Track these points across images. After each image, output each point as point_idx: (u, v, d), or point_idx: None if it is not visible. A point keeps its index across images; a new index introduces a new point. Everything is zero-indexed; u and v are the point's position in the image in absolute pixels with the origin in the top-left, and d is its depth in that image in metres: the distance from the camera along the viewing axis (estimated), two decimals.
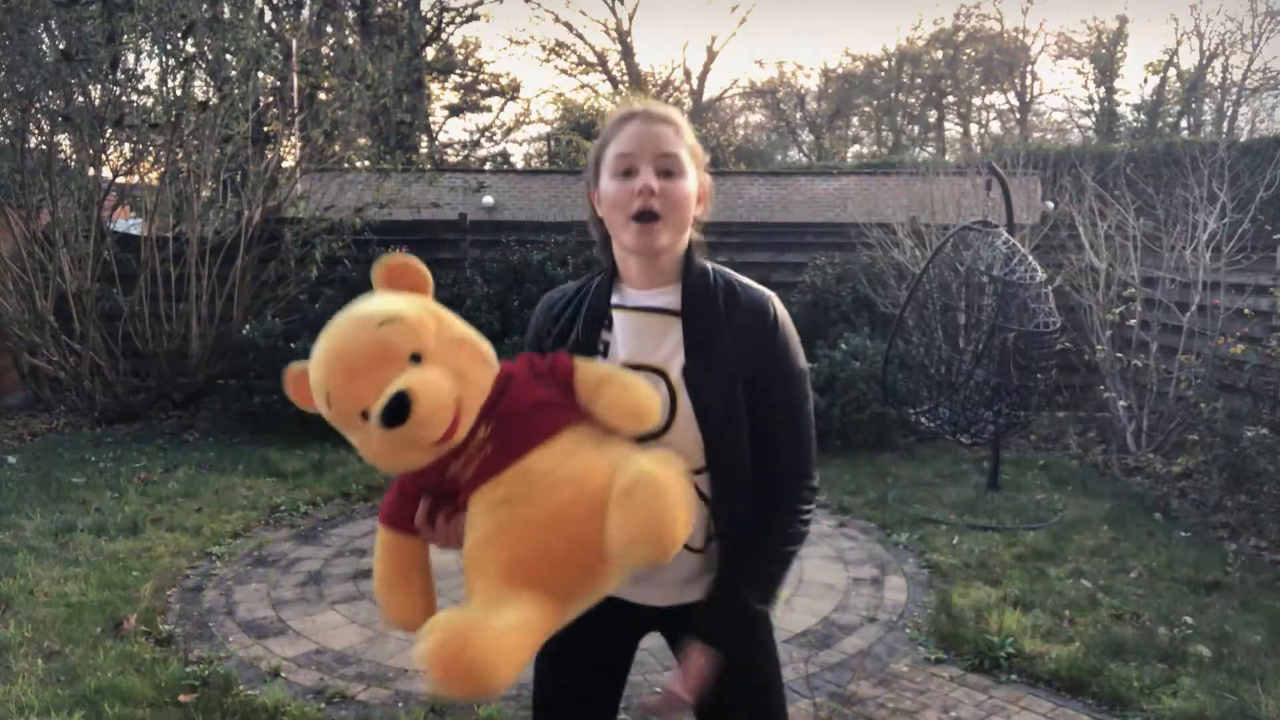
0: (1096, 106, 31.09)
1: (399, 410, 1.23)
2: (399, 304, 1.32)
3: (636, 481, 1.23)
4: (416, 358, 1.28)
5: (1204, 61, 28.98)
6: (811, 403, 1.53)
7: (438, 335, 1.31)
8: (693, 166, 1.49)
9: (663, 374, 1.45)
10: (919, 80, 33.87)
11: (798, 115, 34.95)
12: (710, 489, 1.44)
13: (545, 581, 1.31)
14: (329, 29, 12.91)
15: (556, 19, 42.09)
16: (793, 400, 1.49)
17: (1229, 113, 29.27)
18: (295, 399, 1.39)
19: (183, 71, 7.55)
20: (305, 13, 11.34)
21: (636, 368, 1.45)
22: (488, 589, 1.34)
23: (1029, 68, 32.65)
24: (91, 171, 7.62)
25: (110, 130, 7.45)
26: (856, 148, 35.60)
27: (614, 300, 1.52)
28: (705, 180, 1.54)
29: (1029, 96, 33.31)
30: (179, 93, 7.56)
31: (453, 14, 21.62)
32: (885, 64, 33.98)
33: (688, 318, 1.46)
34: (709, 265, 1.53)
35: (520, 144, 37.20)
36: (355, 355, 1.27)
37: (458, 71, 25.04)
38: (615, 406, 1.37)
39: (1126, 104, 31.47)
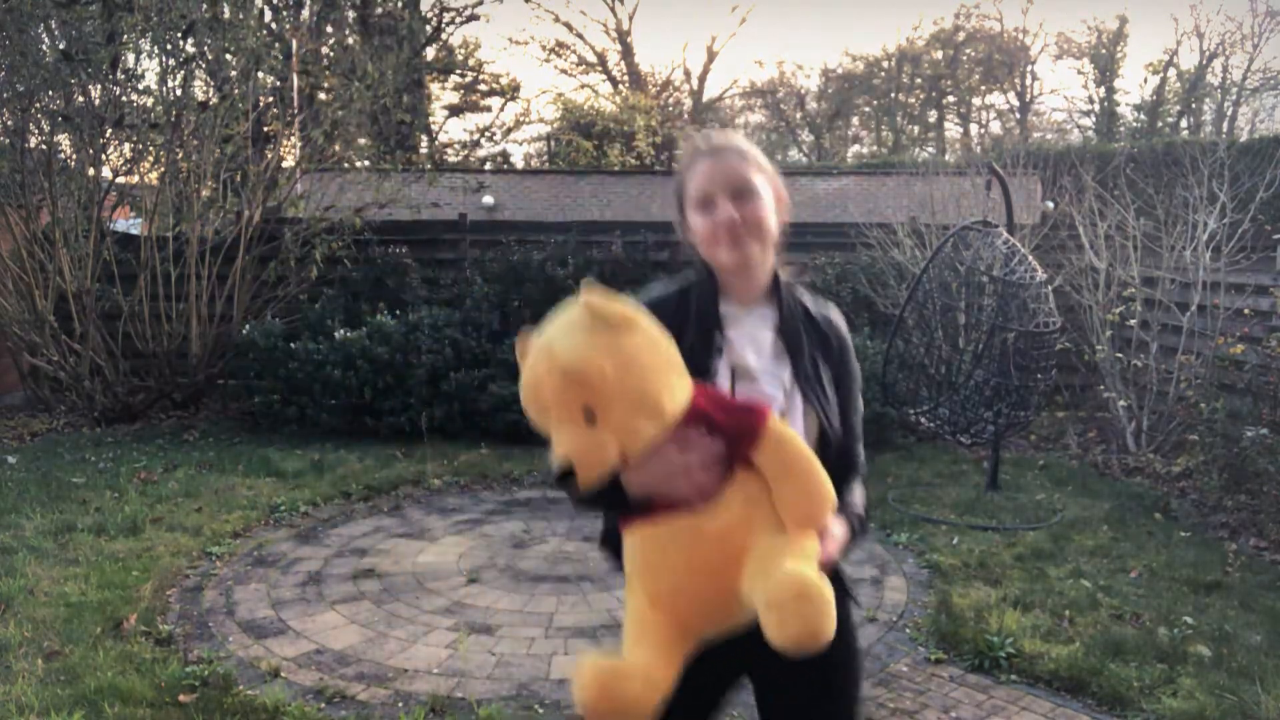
0: (1096, 106, 31.09)
1: (563, 474, 1.43)
2: (586, 351, 1.41)
3: (799, 590, 1.35)
4: (589, 410, 1.41)
5: (1204, 61, 28.99)
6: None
7: (616, 390, 1.41)
8: (767, 185, 1.65)
9: (758, 374, 1.62)
10: (919, 80, 33.86)
11: (798, 115, 34.95)
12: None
13: (680, 617, 1.50)
14: (329, 29, 12.91)
15: (556, 19, 41.96)
16: (857, 400, 1.77)
17: (1229, 113, 29.26)
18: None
19: (183, 71, 7.55)
20: (305, 13, 11.34)
21: (745, 372, 1.61)
22: (635, 600, 1.54)
23: (1029, 68, 32.65)
24: (91, 171, 7.62)
25: (110, 130, 7.45)
26: (856, 148, 35.61)
27: (723, 309, 1.66)
28: (780, 190, 1.69)
29: (1029, 96, 33.31)
30: (179, 93, 7.56)
31: (453, 14, 21.60)
32: (885, 64, 33.97)
33: (786, 329, 1.65)
34: (791, 285, 1.72)
35: (520, 144, 37.25)
36: (542, 396, 1.45)
37: (458, 71, 25.02)
38: (799, 497, 1.48)
39: (1126, 104, 31.49)
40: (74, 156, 7.77)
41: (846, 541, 1.60)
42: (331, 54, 10.57)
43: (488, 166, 22.18)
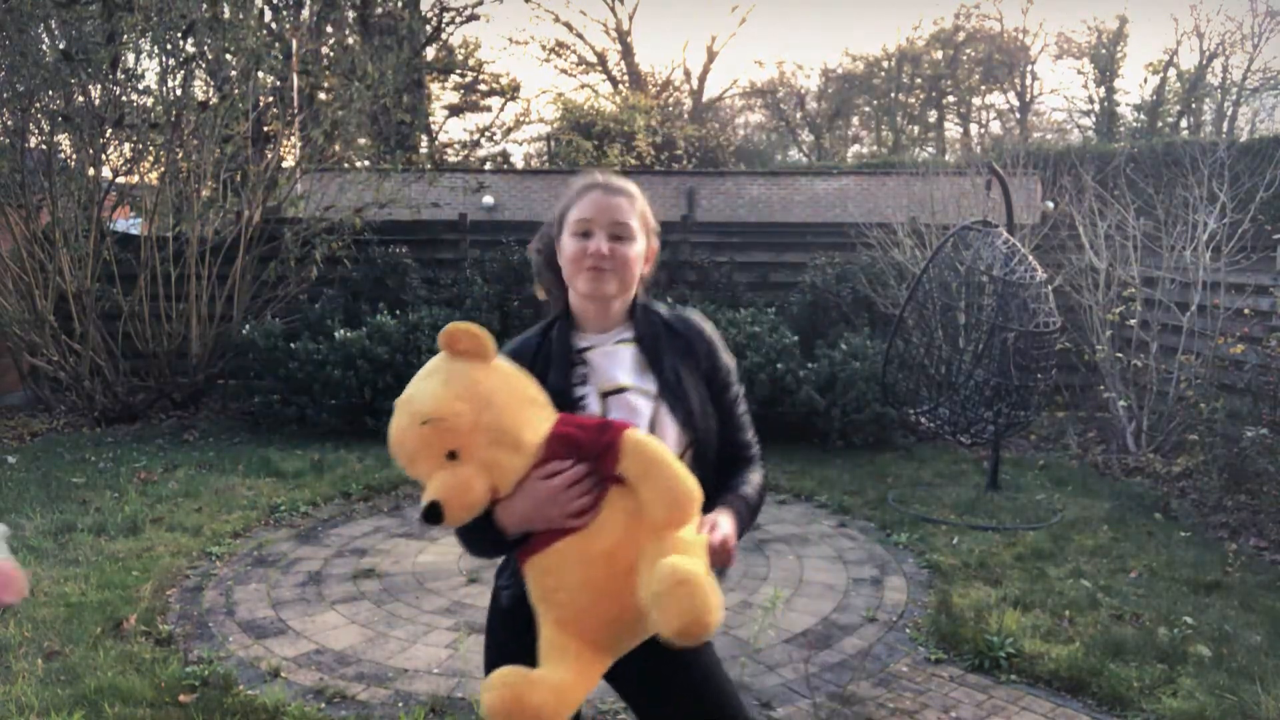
0: (1096, 106, 31.10)
1: (434, 513, 1.48)
2: (441, 399, 1.51)
3: (673, 583, 1.38)
4: (453, 454, 1.49)
5: (1204, 61, 28.99)
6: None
7: (474, 426, 1.50)
8: (642, 233, 1.75)
9: (640, 390, 1.70)
10: (919, 80, 33.86)
11: (798, 115, 34.96)
12: (691, 465, 1.65)
13: (588, 636, 1.55)
14: (329, 29, 12.91)
15: (556, 19, 42.02)
16: (737, 389, 1.84)
17: (1229, 113, 29.26)
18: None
19: (183, 71, 7.55)
20: (305, 13, 11.33)
21: (614, 391, 1.69)
22: (544, 628, 1.57)
23: (1029, 68, 32.66)
24: (91, 171, 7.62)
25: (110, 130, 7.45)
26: (856, 148, 35.61)
27: (579, 345, 1.75)
28: (653, 244, 1.81)
29: (1029, 96, 33.32)
30: (179, 93, 7.56)
31: (453, 14, 21.62)
32: (885, 64, 33.98)
33: (645, 344, 1.74)
34: (648, 305, 1.82)
35: (520, 144, 37.25)
36: (407, 448, 1.53)
37: (458, 71, 25.03)
38: (661, 495, 1.50)
39: (1126, 104, 31.53)
40: (74, 156, 7.76)
41: (736, 528, 1.66)
42: (331, 54, 10.56)
43: (488, 166, 22.17)
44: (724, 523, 1.61)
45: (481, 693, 1.48)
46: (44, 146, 7.44)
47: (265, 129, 8.83)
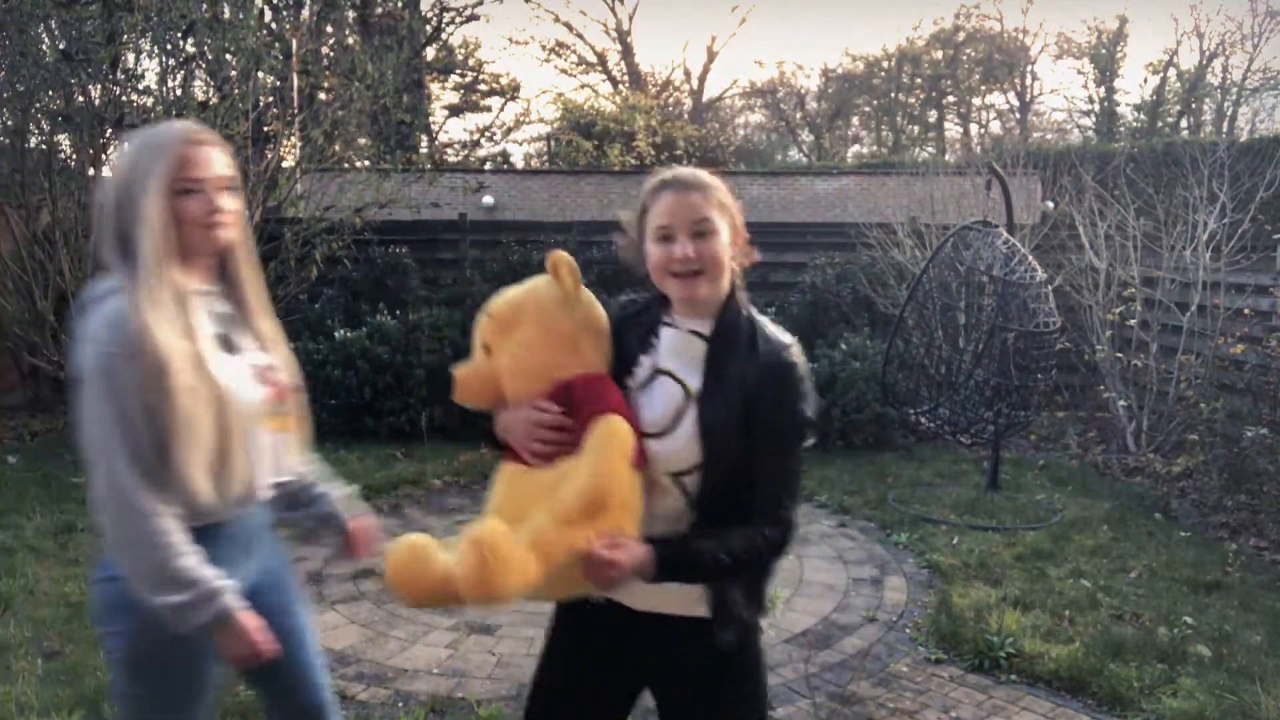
0: (1096, 106, 31.09)
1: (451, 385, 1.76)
2: (511, 297, 1.72)
3: (471, 537, 1.45)
4: (486, 348, 1.71)
5: (1204, 61, 28.99)
6: (801, 450, 1.70)
7: (508, 334, 1.69)
8: (724, 222, 1.69)
9: (682, 383, 1.69)
10: (919, 80, 33.85)
11: (798, 115, 34.95)
12: (698, 486, 1.65)
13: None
14: (329, 29, 12.90)
15: (556, 19, 41.89)
16: (785, 443, 1.67)
17: (1229, 113, 29.25)
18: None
19: (183, 71, 7.54)
20: (305, 13, 11.32)
21: (663, 372, 1.70)
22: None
23: (1029, 68, 32.65)
24: (91, 171, 7.62)
25: (110, 130, 7.44)
26: (856, 148, 35.60)
27: (664, 319, 1.76)
28: (739, 226, 1.74)
29: (1029, 96, 33.30)
30: (179, 93, 7.55)
31: (453, 14, 21.59)
32: (885, 64, 33.96)
33: (713, 345, 1.69)
34: (745, 308, 1.73)
35: (520, 144, 37.18)
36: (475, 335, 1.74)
37: (458, 71, 25.02)
38: (582, 477, 1.56)
39: (1126, 104, 31.47)
40: (74, 156, 7.76)
41: (650, 566, 1.55)
42: (331, 54, 10.56)
43: (488, 166, 22.16)
44: (634, 549, 1.53)
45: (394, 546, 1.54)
46: (44, 146, 7.44)
47: (265, 129, 8.82)
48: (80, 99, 7.24)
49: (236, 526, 1.81)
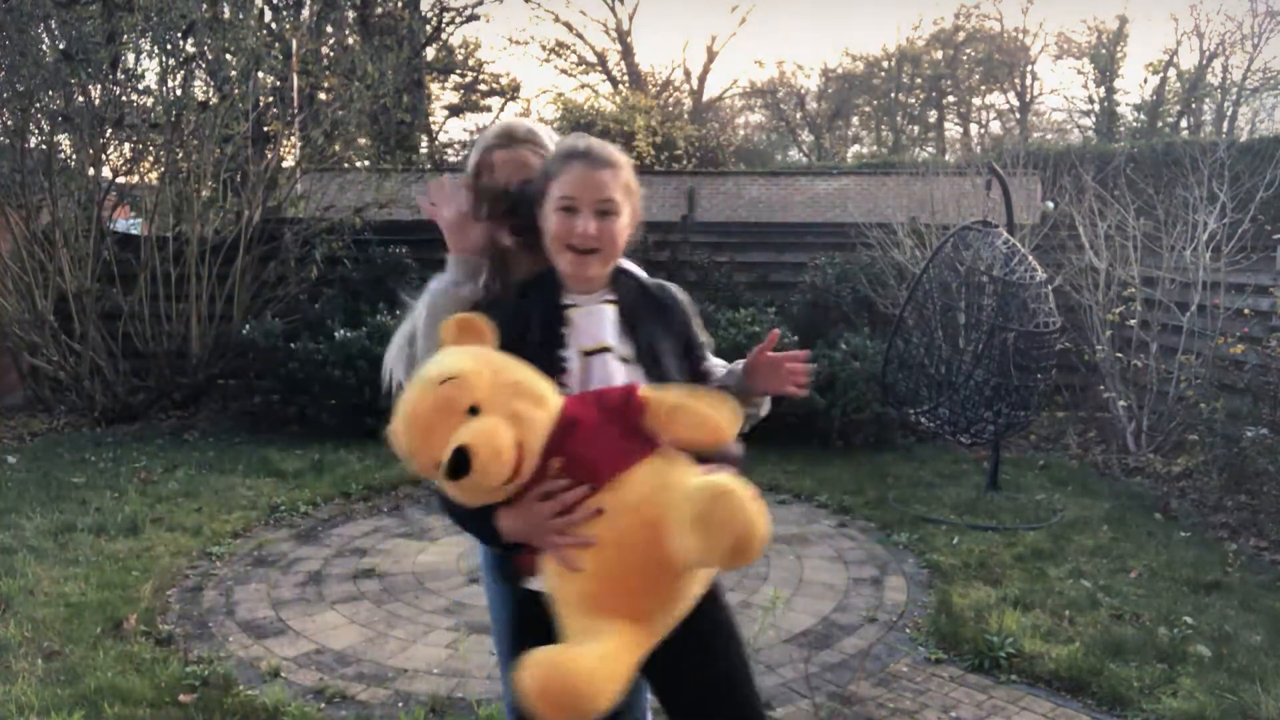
0: (1096, 106, 31.09)
1: (460, 464, 1.37)
2: (457, 360, 1.48)
3: (712, 496, 1.33)
4: (475, 410, 1.42)
5: (1204, 61, 28.99)
6: None
7: (493, 383, 1.45)
8: (627, 204, 1.73)
9: (616, 352, 1.70)
10: (919, 80, 33.85)
11: (798, 115, 34.95)
12: None
13: (626, 608, 1.44)
14: (329, 29, 12.90)
15: (556, 19, 41.91)
16: (710, 361, 1.87)
17: (1229, 113, 29.26)
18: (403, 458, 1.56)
19: (183, 71, 7.54)
20: (305, 13, 11.32)
21: (593, 353, 1.69)
22: (575, 621, 1.46)
23: (1029, 68, 32.66)
24: (91, 171, 7.62)
25: (110, 130, 7.44)
26: (856, 148, 35.60)
27: (565, 301, 1.73)
28: (637, 209, 1.79)
29: (1029, 96, 33.31)
30: (179, 93, 7.56)
31: (453, 14, 21.57)
32: (885, 64, 33.97)
33: (623, 308, 1.74)
34: (628, 270, 1.82)
35: None
36: (423, 415, 1.43)
37: (458, 71, 25.01)
38: (694, 429, 1.51)
39: (1126, 104, 31.48)
40: (74, 156, 7.77)
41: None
42: (331, 54, 10.56)
43: None
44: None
45: (517, 677, 1.35)
46: (44, 146, 7.44)
47: (265, 129, 8.83)
48: (80, 99, 7.24)
49: None
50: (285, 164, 8.61)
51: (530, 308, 1.71)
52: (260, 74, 8.02)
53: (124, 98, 7.52)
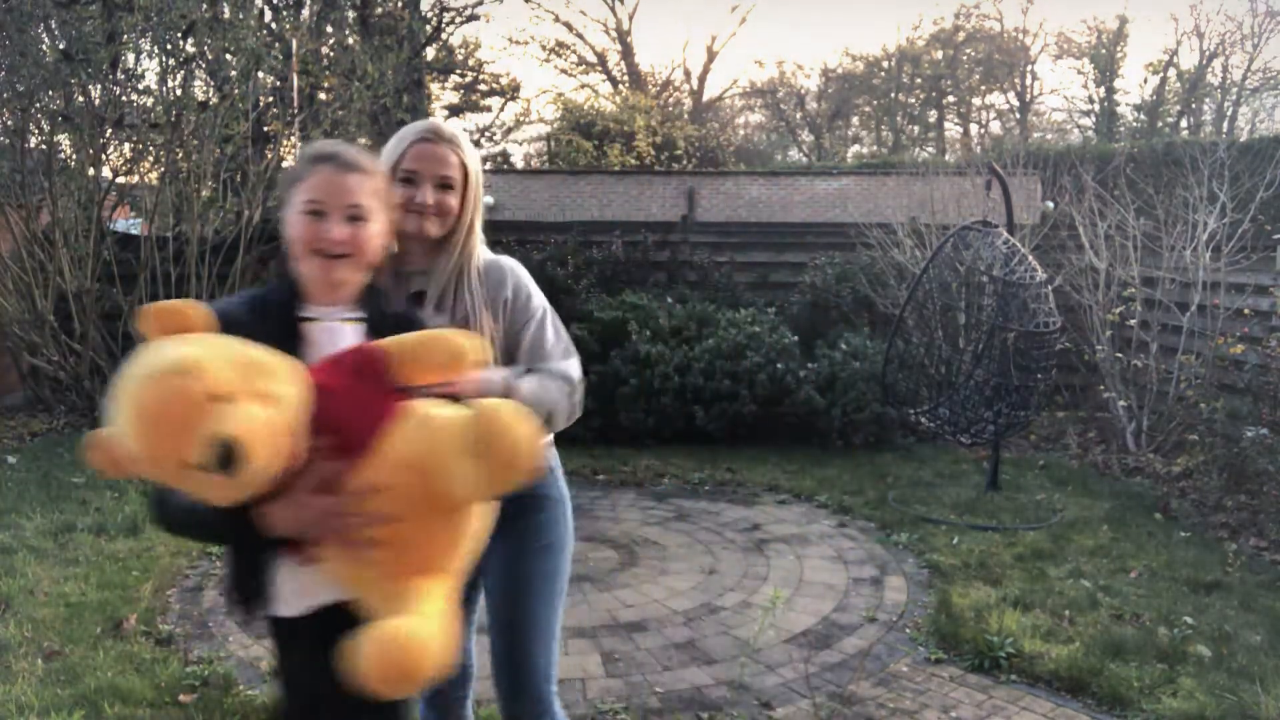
0: (1096, 106, 31.09)
1: (229, 457, 1.23)
2: (181, 349, 1.29)
3: (479, 422, 1.33)
4: (217, 398, 1.26)
5: (1204, 61, 28.99)
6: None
7: (232, 366, 1.29)
8: (380, 210, 1.67)
9: None
10: (919, 80, 33.85)
11: (798, 115, 34.95)
12: None
13: (419, 564, 1.43)
14: (329, 29, 12.90)
15: (556, 19, 41.85)
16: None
17: (1229, 113, 29.26)
18: (107, 470, 1.35)
19: (183, 71, 7.55)
20: (305, 13, 11.33)
21: None
22: (375, 594, 1.43)
23: (1029, 68, 32.66)
24: (91, 171, 7.62)
25: (110, 130, 7.44)
26: (856, 148, 35.59)
27: (304, 313, 1.63)
28: (392, 220, 1.73)
29: (1029, 96, 33.31)
30: (179, 93, 7.56)
31: (453, 14, 21.58)
32: (885, 64, 33.97)
33: (370, 327, 1.64)
34: (382, 291, 1.74)
35: (520, 144, 37.15)
36: (158, 412, 1.25)
37: (458, 71, 25.01)
38: (442, 356, 1.50)
39: (1126, 104, 31.47)
40: (74, 156, 7.77)
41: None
42: (331, 54, 10.56)
43: (488, 167, 22.16)
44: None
45: (352, 665, 1.31)
46: (44, 146, 7.44)
47: (265, 129, 8.83)
48: (80, 99, 7.24)
49: None
50: (285, 164, 8.61)
51: (263, 321, 1.56)
52: (260, 74, 8.02)
53: (124, 98, 7.52)
